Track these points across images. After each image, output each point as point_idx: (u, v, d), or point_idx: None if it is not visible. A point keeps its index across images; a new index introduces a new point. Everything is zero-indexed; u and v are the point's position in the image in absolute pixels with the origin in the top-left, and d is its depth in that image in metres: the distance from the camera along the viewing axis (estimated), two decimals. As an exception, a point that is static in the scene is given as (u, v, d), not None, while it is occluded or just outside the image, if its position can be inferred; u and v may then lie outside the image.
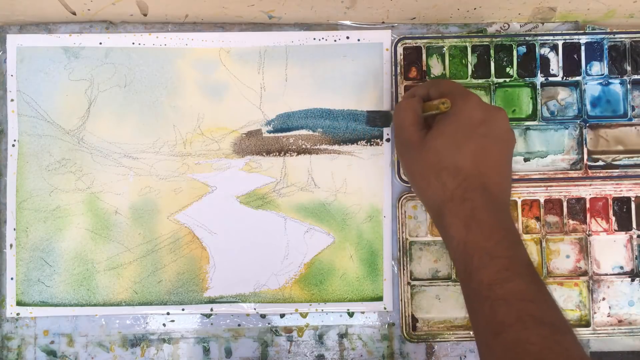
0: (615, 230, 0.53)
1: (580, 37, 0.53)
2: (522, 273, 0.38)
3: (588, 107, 0.53)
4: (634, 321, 0.53)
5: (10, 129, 0.53)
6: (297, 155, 0.53)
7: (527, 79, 0.53)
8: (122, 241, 0.53)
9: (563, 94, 0.54)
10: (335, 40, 0.54)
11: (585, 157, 0.53)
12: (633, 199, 0.53)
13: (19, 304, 0.52)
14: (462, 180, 0.41)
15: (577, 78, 0.53)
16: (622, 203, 0.53)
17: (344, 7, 0.51)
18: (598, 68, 0.54)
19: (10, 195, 0.53)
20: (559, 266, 0.53)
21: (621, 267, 0.53)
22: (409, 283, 0.52)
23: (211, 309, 0.53)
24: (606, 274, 0.53)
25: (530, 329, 0.35)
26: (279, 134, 0.54)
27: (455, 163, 0.41)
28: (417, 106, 0.44)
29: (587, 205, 0.53)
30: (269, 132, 0.54)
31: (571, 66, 0.53)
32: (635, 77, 0.53)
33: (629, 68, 0.53)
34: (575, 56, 0.53)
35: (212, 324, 0.53)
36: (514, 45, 0.53)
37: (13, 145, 0.53)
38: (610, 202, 0.53)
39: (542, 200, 0.53)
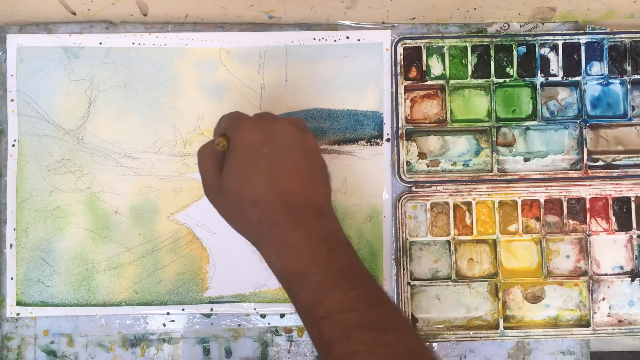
0: (615, 230, 0.53)
1: (580, 37, 0.53)
2: (337, 284, 0.37)
3: (588, 107, 0.53)
4: (634, 321, 0.53)
5: (10, 129, 0.53)
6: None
7: (527, 79, 0.53)
8: (122, 241, 0.53)
9: (563, 94, 0.54)
10: (335, 40, 0.54)
11: (585, 157, 0.53)
12: (633, 199, 0.53)
13: (19, 304, 0.52)
14: (263, 208, 0.39)
15: (577, 78, 0.53)
16: (622, 203, 0.53)
17: (344, 7, 0.51)
18: (598, 68, 0.54)
19: (10, 195, 0.53)
20: (559, 266, 0.53)
21: (621, 267, 0.53)
22: (408, 283, 0.52)
23: (211, 309, 0.53)
24: (606, 274, 0.53)
25: (354, 339, 0.35)
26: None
27: (252, 194, 0.39)
28: (214, 149, 0.42)
29: (587, 205, 0.53)
30: (269, 132, 0.54)
31: (571, 66, 0.53)
32: (635, 77, 0.53)
33: (629, 68, 0.53)
34: (575, 56, 0.53)
35: (212, 324, 0.53)
36: (514, 45, 0.53)
37: (13, 145, 0.53)
38: (610, 202, 0.53)
39: (542, 200, 0.53)
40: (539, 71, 0.53)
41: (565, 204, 0.53)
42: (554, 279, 0.53)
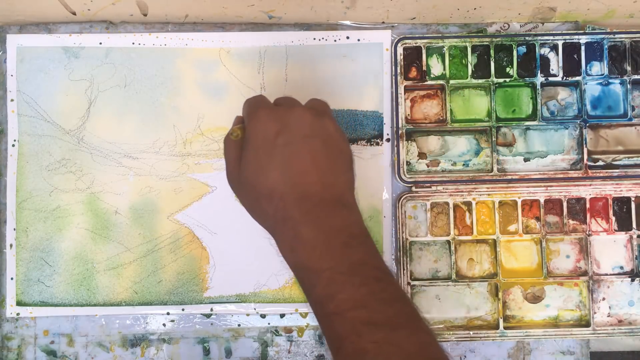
0: (615, 230, 0.53)
1: (580, 37, 0.53)
2: (348, 280, 0.37)
3: (588, 107, 0.53)
4: (634, 321, 0.53)
5: (10, 129, 0.53)
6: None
7: (527, 79, 0.53)
8: (122, 241, 0.53)
9: (563, 94, 0.54)
10: (335, 40, 0.54)
11: (585, 157, 0.53)
12: (633, 199, 0.53)
13: (19, 304, 0.52)
14: (278, 201, 0.38)
15: (577, 78, 0.53)
16: (622, 203, 0.53)
17: (344, 7, 0.51)
18: (598, 68, 0.54)
19: (10, 195, 0.53)
20: (559, 266, 0.53)
21: (621, 267, 0.53)
22: (409, 283, 0.52)
23: (211, 309, 0.53)
24: (606, 274, 0.53)
25: (364, 336, 0.35)
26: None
27: (266, 187, 0.39)
28: (237, 144, 0.41)
29: (587, 205, 0.53)
30: (269, 132, 0.54)
31: (571, 66, 0.53)
32: (635, 77, 0.53)
33: (629, 68, 0.53)
34: (575, 56, 0.53)
35: (212, 324, 0.53)
36: (514, 45, 0.53)
37: (13, 145, 0.53)
38: (610, 202, 0.53)
39: (542, 200, 0.53)
40: (539, 71, 0.53)
41: (565, 204, 0.53)
42: (554, 279, 0.53)
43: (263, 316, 0.53)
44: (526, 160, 0.54)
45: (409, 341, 0.35)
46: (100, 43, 0.53)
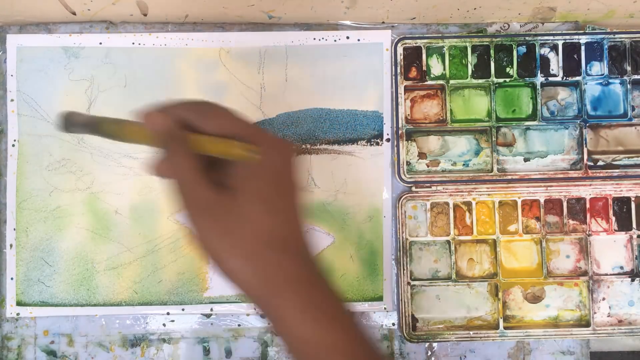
0: (615, 230, 0.53)
1: (580, 37, 0.53)
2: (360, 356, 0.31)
3: (588, 107, 0.53)
4: (634, 321, 0.53)
5: (10, 129, 0.53)
6: (296, 155, 0.53)
7: (527, 79, 0.53)
8: (122, 241, 0.53)
9: (563, 94, 0.54)
10: (335, 40, 0.54)
11: (585, 157, 0.53)
12: (633, 199, 0.53)
13: (19, 304, 0.52)
14: (296, 255, 0.31)
15: (577, 78, 0.53)
16: (622, 203, 0.53)
17: (344, 7, 0.51)
18: (598, 68, 0.54)
19: (10, 195, 0.53)
20: (559, 266, 0.53)
21: (621, 267, 0.53)
22: (409, 283, 0.52)
23: (211, 309, 0.53)
24: (606, 274, 0.53)
25: None
26: (280, 134, 0.54)
27: (286, 234, 0.31)
28: (196, 158, 0.32)
29: (587, 205, 0.53)
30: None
31: (571, 66, 0.53)
32: (635, 77, 0.53)
33: (629, 68, 0.53)
34: (575, 56, 0.53)
35: (212, 324, 0.53)
36: (514, 45, 0.53)
37: (13, 145, 0.53)
38: (610, 202, 0.53)
39: (542, 200, 0.53)
40: (539, 71, 0.53)
41: (565, 204, 0.53)
42: (554, 279, 0.53)
43: (263, 316, 0.53)
44: (526, 160, 0.54)
45: None
46: (100, 43, 0.53)
